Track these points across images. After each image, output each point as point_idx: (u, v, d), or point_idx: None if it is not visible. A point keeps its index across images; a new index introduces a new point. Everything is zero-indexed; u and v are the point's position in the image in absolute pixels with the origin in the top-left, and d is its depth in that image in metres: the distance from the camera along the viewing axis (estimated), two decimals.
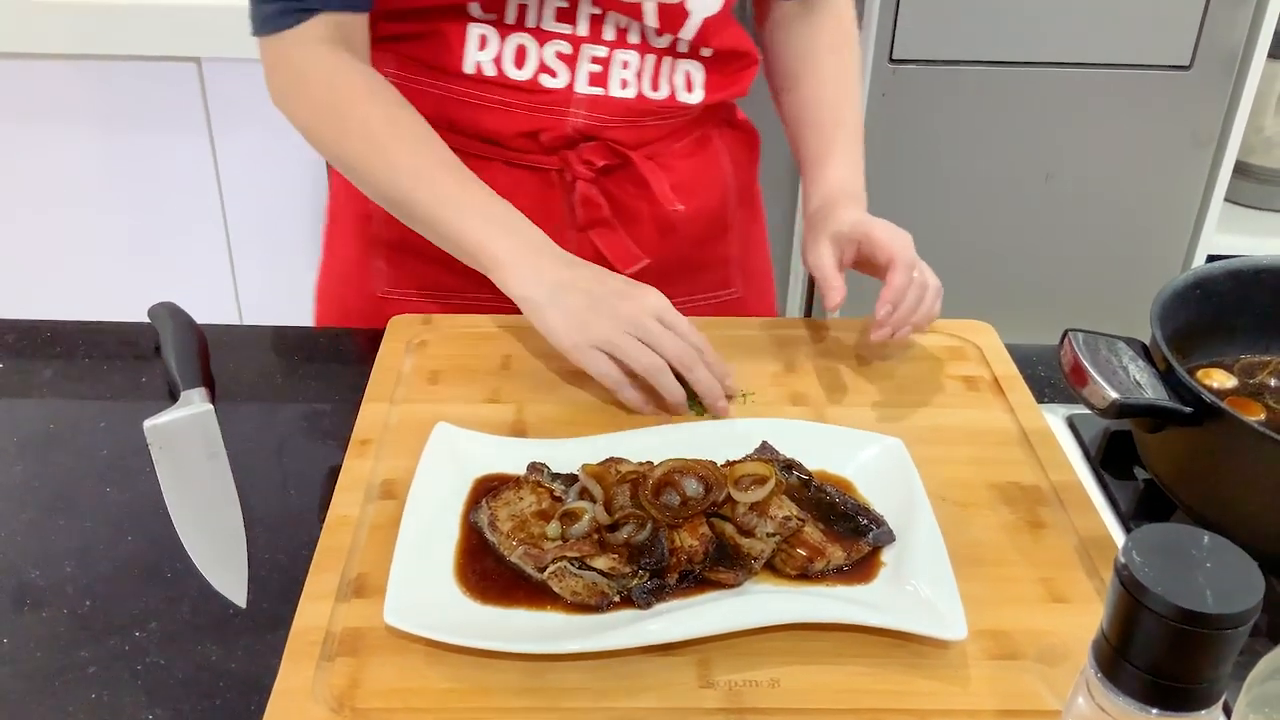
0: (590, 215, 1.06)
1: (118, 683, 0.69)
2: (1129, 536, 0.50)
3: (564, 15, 0.99)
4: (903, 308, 0.94)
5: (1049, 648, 0.71)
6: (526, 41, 0.99)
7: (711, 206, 1.13)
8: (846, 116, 1.10)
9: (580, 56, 1.00)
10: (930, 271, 0.97)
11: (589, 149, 1.04)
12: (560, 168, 1.05)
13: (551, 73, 1.00)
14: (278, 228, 2.02)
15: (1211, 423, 0.77)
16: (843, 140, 1.09)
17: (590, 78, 1.01)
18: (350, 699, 0.66)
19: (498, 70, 1.00)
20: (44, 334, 1.03)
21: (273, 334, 1.06)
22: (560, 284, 0.90)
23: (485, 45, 0.99)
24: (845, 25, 1.14)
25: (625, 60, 1.01)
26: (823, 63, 1.12)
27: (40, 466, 0.87)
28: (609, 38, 1.00)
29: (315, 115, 0.98)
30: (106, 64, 1.87)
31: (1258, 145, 2.17)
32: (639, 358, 0.88)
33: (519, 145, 1.03)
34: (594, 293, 0.90)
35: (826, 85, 1.12)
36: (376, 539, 0.77)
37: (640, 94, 1.03)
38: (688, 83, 1.05)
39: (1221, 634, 0.47)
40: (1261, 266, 0.92)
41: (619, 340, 0.88)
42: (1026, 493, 0.85)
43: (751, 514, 0.76)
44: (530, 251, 0.93)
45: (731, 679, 0.68)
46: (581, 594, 0.72)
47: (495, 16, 0.98)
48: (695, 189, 1.10)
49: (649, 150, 1.07)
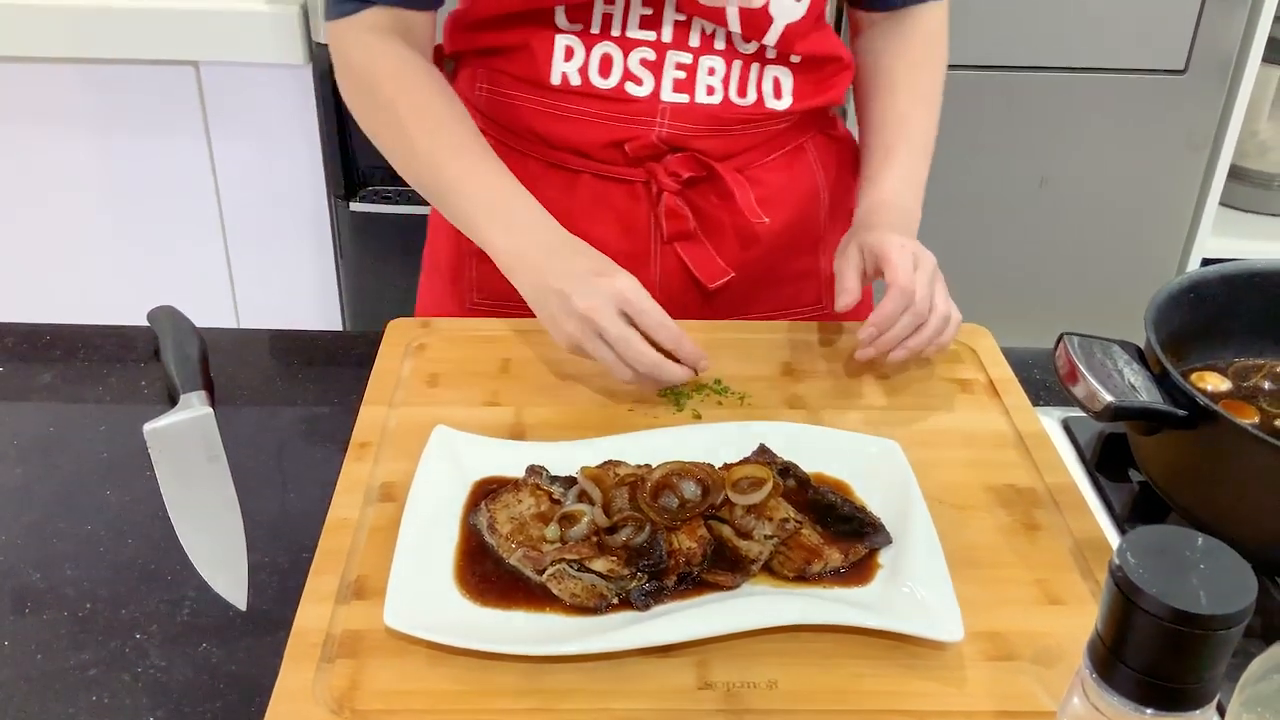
0: (676, 228, 1.05)
1: (118, 685, 0.69)
2: (1124, 538, 0.51)
3: (648, 23, 0.99)
4: (889, 333, 0.93)
5: (1044, 649, 0.71)
6: (611, 50, 0.99)
7: (801, 220, 1.11)
8: (914, 132, 1.08)
9: (665, 63, 1.00)
10: (951, 303, 0.95)
11: (675, 160, 1.03)
12: (646, 179, 1.04)
13: (637, 80, 1.00)
14: (275, 231, 2.03)
15: (1205, 425, 0.77)
16: (905, 154, 1.07)
17: (675, 84, 1.01)
18: (350, 700, 0.66)
19: (583, 80, 1.00)
20: (43, 337, 1.04)
21: (272, 337, 1.06)
22: (542, 284, 0.91)
23: (571, 56, 1.00)
24: (933, 46, 1.12)
25: (711, 66, 1.01)
26: (901, 77, 1.10)
27: (40, 470, 0.87)
28: (694, 44, 1.00)
29: (357, 98, 1.01)
30: (104, 68, 1.87)
31: (1252, 149, 2.18)
32: (610, 365, 0.89)
33: (605, 157, 1.03)
34: (562, 290, 0.89)
35: (900, 98, 1.10)
36: (376, 541, 0.78)
37: (726, 100, 1.02)
38: (776, 89, 1.04)
39: (1215, 635, 0.48)
40: (1255, 270, 0.93)
41: (586, 344, 0.89)
42: (1022, 495, 0.85)
43: (749, 516, 0.76)
44: (521, 241, 0.93)
45: (729, 680, 0.68)
46: (580, 596, 0.72)
47: (581, 26, 0.99)
48: (784, 202, 1.09)
49: (737, 162, 1.05)
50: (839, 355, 1.02)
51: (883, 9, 1.12)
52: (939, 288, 0.95)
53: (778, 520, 0.76)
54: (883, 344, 0.93)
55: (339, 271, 2.04)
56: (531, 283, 0.92)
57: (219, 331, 1.03)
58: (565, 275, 0.90)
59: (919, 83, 1.11)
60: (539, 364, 0.98)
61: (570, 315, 0.88)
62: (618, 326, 0.87)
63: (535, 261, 0.92)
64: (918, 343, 0.93)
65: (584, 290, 0.88)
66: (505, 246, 0.94)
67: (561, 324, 0.90)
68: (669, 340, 0.89)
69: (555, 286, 0.89)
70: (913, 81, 1.11)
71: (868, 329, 0.93)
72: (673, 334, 0.90)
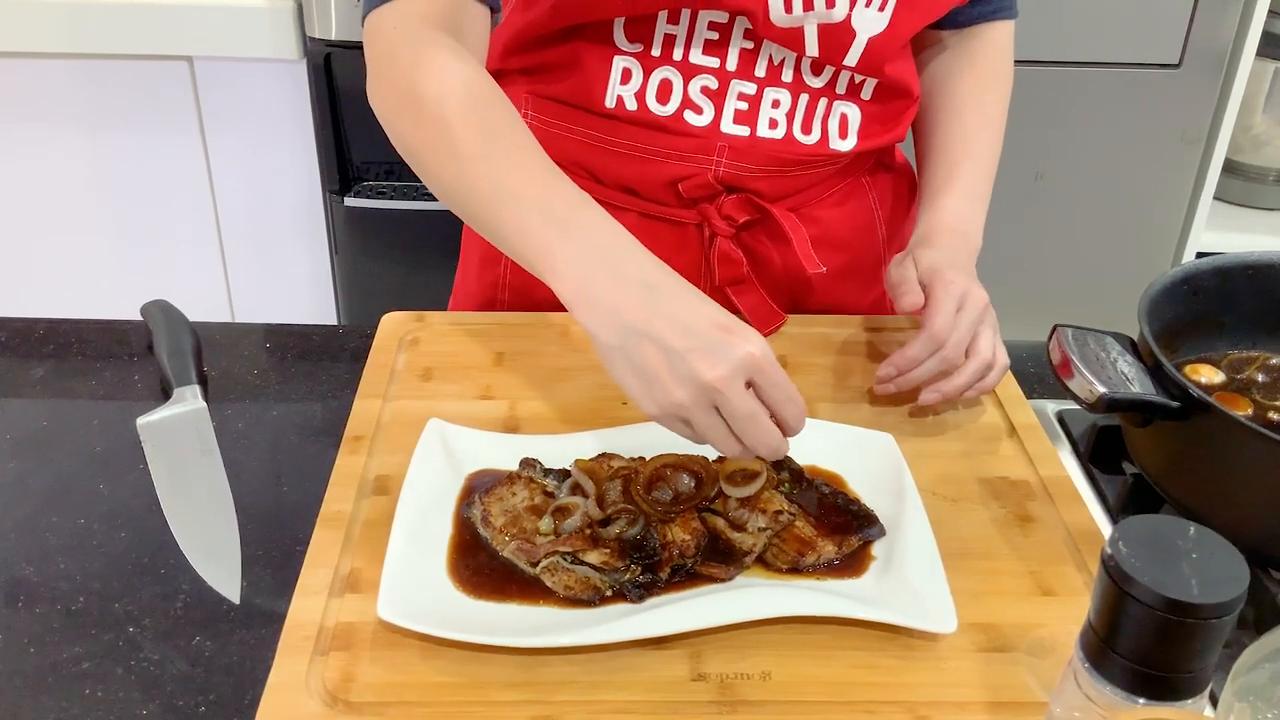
0: (729, 273, 1.01)
1: (111, 678, 0.69)
2: (1116, 527, 0.51)
3: (712, 48, 0.92)
4: (911, 375, 0.89)
5: (1038, 640, 0.71)
6: (671, 75, 0.93)
7: (858, 259, 1.08)
8: (978, 150, 1.03)
9: (728, 93, 0.94)
10: (1000, 347, 0.90)
11: (730, 203, 0.98)
12: (699, 222, 1.00)
13: (696, 109, 0.94)
14: (270, 226, 2.03)
15: (1198, 417, 0.77)
16: (968, 172, 1.01)
17: (736, 115, 0.95)
18: (344, 693, 0.66)
19: (639, 104, 0.94)
20: (37, 332, 1.03)
21: (266, 332, 1.06)
22: (633, 328, 0.71)
23: (629, 79, 0.93)
24: (1000, 64, 1.07)
25: (776, 99, 0.94)
26: (967, 96, 1.05)
27: (34, 464, 0.87)
28: (759, 74, 0.93)
29: (395, 101, 0.84)
30: (98, 63, 1.87)
31: (1246, 143, 2.18)
32: (718, 442, 0.72)
33: (657, 196, 0.99)
34: (672, 347, 0.69)
35: (964, 113, 1.05)
36: (369, 535, 0.78)
37: (789, 135, 0.96)
38: (842, 127, 0.98)
39: (1207, 623, 0.48)
40: (1249, 263, 0.93)
41: (697, 417, 0.71)
42: (1016, 487, 0.85)
43: (743, 508, 0.76)
44: (598, 266, 0.73)
45: (723, 672, 0.68)
46: (574, 588, 0.72)
47: (641, 47, 0.93)
48: (841, 241, 1.05)
49: (792, 203, 1.01)
50: (833, 349, 1.02)
51: (950, 26, 1.07)
52: (985, 330, 0.89)
53: (771, 512, 0.76)
54: (904, 384, 0.90)
55: (334, 267, 2.04)
56: (616, 324, 0.71)
57: (213, 326, 1.03)
58: (676, 327, 0.70)
59: (985, 102, 1.06)
60: (533, 357, 0.98)
61: (685, 381, 0.69)
62: (748, 404, 0.70)
63: (622, 297, 0.72)
64: (952, 389, 0.89)
65: (708, 352, 0.69)
66: (576, 272, 0.73)
67: (668, 389, 0.70)
68: (795, 420, 0.73)
69: (662, 340, 0.70)
70: (979, 101, 1.06)
71: (886, 368, 0.91)
72: (801, 411, 0.73)
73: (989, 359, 0.89)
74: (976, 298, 0.90)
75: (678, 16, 0.91)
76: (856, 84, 0.97)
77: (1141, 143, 1.98)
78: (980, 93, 1.06)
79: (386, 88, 0.85)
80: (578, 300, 0.73)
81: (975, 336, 0.89)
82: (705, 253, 1.02)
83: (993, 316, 0.91)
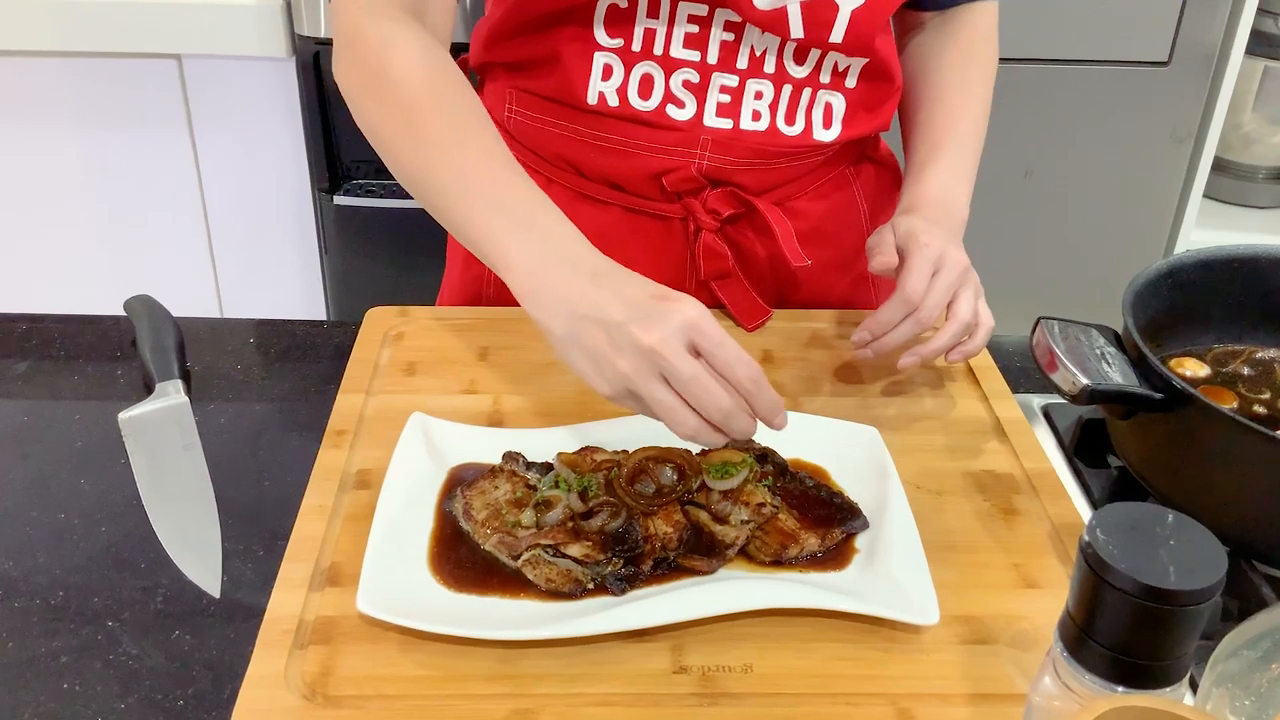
0: (714, 267, 1.00)
1: (90, 672, 0.69)
2: (1094, 515, 0.51)
3: (693, 42, 0.92)
4: (886, 338, 0.88)
5: (1021, 632, 0.71)
6: (653, 70, 0.93)
7: (843, 252, 1.07)
8: (961, 126, 1.02)
9: (710, 86, 0.94)
10: (983, 309, 0.89)
11: (714, 197, 0.98)
12: (684, 216, 1.00)
13: (679, 103, 0.94)
14: (259, 225, 2.02)
15: (1182, 409, 0.77)
16: (953, 148, 1.00)
17: (719, 108, 0.94)
18: (323, 686, 0.66)
19: (622, 100, 0.94)
20: (20, 327, 1.03)
21: (249, 326, 1.06)
22: (578, 313, 0.73)
23: (610, 75, 0.93)
24: (984, 45, 1.07)
25: (758, 90, 0.94)
26: (950, 75, 1.05)
27: (15, 459, 0.87)
28: (741, 66, 0.93)
29: (362, 81, 0.86)
30: (87, 60, 1.87)
31: (1236, 141, 2.19)
32: (670, 415, 0.71)
33: (641, 190, 0.99)
34: (613, 320, 0.71)
35: (947, 91, 1.04)
36: (350, 529, 0.77)
37: (773, 127, 0.96)
38: (826, 117, 0.98)
39: (1185, 610, 0.48)
40: (1234, 256, 0.93)
41: (641, 387, 0.71)
42: (1000, 481, 0.85)
43: (726, 501, 0.76)
44: (549, 263, 0.76)
45: (705, 664, 0.68)
46: (556, 581, 0.72)
47: (622, 43, 0.92)
48: (826, 234, 1.05)
49: (776, 195, 1.00)
50: (818, 342, 1.01)
51: (932, 8, 1.07)
52: (965, 292, 0.88)
53: (754, 505, 0.76)
54: (879, 348, 0.89)
55: (323, 265, 2.04)
56: (564, 313, 0.73)
57: (197, 321, 1.02)
58: (616, 302, 0.71)
59: (969, 81, 1.05)
60: (517, 352, 0.97)
61: (625, 351, 0.70)
62: (689, 364, 0.69)
63: (569, 288, 0.74)
64: (929, 351, 0.88)
65: (646, 319, 0.70)
66: (528, 267, 0.76)
67: (612, 362, 0.71)
68: (748, 380, 0.71)
69: (603, 316, 0.71)
70: (962, 80, 1.05)
71: (861, 333, 0.90)
72: (753, 372, 0.71)
73: (968, 320, 0.87)
74: (955, 260, 0.88)
75: (657, 10, 0.91)
76: (840, 71, 0.97)
77: (1131, 141, 1.98)
78: (963, 72, 1.05)
79: (353, 65, 0.86)
80: (529, 294, 0.76)
81: (955, 299, 0.88)
82: (690, 247, 1.02)
83: (975, 279, 0.90)
